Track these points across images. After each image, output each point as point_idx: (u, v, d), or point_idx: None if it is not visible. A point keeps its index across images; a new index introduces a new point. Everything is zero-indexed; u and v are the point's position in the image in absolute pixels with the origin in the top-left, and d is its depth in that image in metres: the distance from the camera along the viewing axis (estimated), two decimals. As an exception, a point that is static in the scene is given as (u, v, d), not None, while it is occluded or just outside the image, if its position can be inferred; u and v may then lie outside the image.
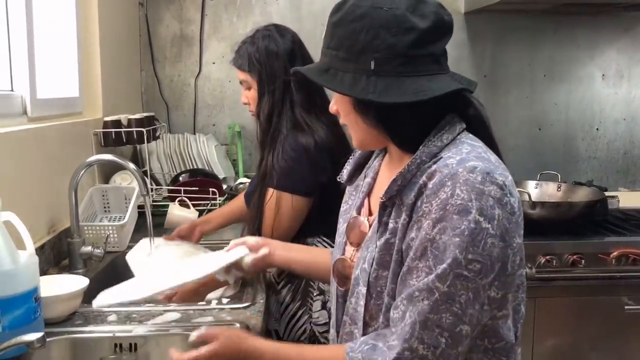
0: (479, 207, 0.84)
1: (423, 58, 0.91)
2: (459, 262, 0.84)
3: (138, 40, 2.75)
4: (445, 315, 0.85)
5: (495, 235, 0.85)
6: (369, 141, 1.02)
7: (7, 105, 1.61)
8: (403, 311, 0.88)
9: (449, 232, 0.85)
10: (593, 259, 2.18)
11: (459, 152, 0.91)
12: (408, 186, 0.92)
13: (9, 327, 1.08)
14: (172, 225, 2.07)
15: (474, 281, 0.85)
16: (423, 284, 0.86)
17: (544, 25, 2.86)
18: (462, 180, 0.86)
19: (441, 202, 0.86)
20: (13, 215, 1.19)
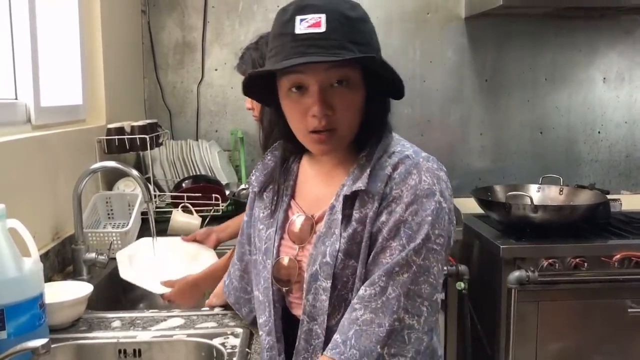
0: (440, 189, 0.97)
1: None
2: (429, 237, 0.94)
3: (141, 47, 2.77)
4: (424, 286, 0.94)
5: (448, 212, 0.97)
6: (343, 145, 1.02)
7: (11, 113, 1.62)
8: (382, 287, 0.94)
9: (420, 213, 0.95)
10: (596, 262, 2.18)
11: (404, 146, 1.04)
12: (371, 179, 0.99)
13: (14, 333, 1.09)
14: (175, 231, 2.08)
15: (440, 253, 0.96)
16: (401, 259, 0.94)
17: (545, 30, 2.87)
18: (425, 168, 0.98)
19: (411, 188, 0.96)
20: (18, 223, 1.20)
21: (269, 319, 1.08)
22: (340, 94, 0.96)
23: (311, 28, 0.93)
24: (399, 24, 2.82)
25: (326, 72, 0.95)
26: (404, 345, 0.92)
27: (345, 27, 0.93)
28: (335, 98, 0.96)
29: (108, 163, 1.73)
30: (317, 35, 0.93)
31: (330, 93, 0.96)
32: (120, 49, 2.44)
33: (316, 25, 0.93)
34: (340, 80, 0.95)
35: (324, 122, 0.96)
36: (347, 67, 0.95)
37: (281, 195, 1.11)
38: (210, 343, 1.25)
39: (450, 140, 2.91)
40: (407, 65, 2.84)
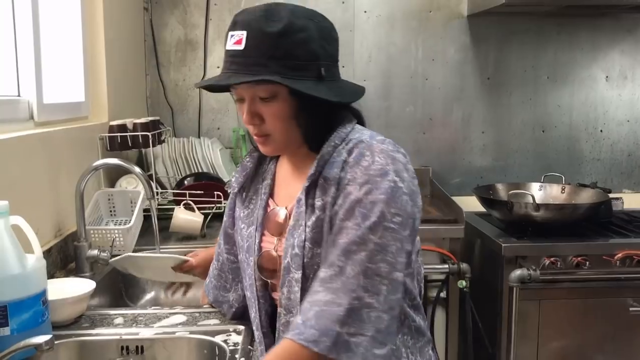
0: (395, 169, 0.98)
1: (338, 64, 1.09)
2: (385, 215, 0.95)
3: (143, 44, 2.77)
4: (382, 264, 0.94)
5: (407, 193, 0.98)
6: (288, 146, 1.08)
7: (14, 110, 1.63)
8: (341, 266, 0.95)
9: (374, 192, 0.96)
10: (597, 261, 2.18)
11: (363, 134, 1.05)
12: (327, 166, 1.03)
13: (17, 329, 1.10)
14: (178, 228, 2.08)
15: (399, 232, 0.96)
16: (357, 237, 0.95)
17: (547, 28, 2.87)
18: (378, 150, 0.99)
19: (364, 169, 0.98)
20: (21, 219, 1.21)
21: (256, 315, 1.15)
22: (267, 106, 1.02)
23: (235, 45, 1.00)
24: (401, 22, 2.82)
25: (251, 89, 1.01)
26: (363, 324, 0.93)
27: (263, 44, 0.98)
28: (263, 109, 1.03)
29: (110, 160, 1.73)
30: (238, 52, 0.99)
31: (259, 105, 1.03)
32: (123, 46, 2.44)
33: (238, 43, 0.99)
34: (266, 97, 1.01)
35: (256, 130, 1.06)
36: (269, 84, 0.99)
37: (260, 195, 1.16)
38: (212, 340, 1.25)
39: (452, 138, 2.91)
40: (410, 63, 2.84)
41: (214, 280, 1.34)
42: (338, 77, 1.08)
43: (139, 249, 1.92)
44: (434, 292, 2.34)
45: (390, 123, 2.85)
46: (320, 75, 1.01)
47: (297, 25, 0.99)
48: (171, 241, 2.07)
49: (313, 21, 1.02)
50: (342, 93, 1.05)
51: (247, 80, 0.99)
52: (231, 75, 1.01)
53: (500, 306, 2.22)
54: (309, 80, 1.00)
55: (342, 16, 2.82)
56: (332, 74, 1.05)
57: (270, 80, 0.98)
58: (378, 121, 2.85)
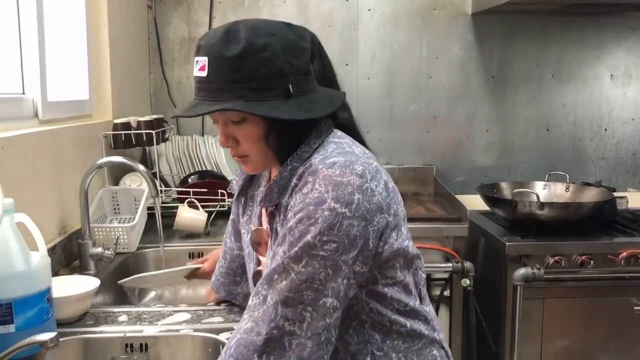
0: (335, 196, 0.93)
1: (311, 75, 1.04)
2: (312, 245, 0.92)
3: (147, 42, 2.77)
4: (307, 292, 0.92)
5: (354, 216, 0.93)
6: (266, 164, 1.08)
7: (18, 108, 1.63)
8: (264, 295, 0.94)
9: (304, 221, 0.93)
10: (602, 260, 2.18)
11: (326, 152, 1.01)
12: (284, 191, 1.01)
13: (22, 327, 1.10)
14: (181, 226, 2.09)
15: (332, 259, 0.92)
16: (278, 266, 0.93)
17: (552, 26, 2.86)
18: (321, 176, 0.95)
19: (303, 197, 0.95)
20: (26, 217, 1.21)
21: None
22: (239, 128, 1.02)
23: (200, 72, 0.99)
24: (405, 20, 2.82)
25: (222, 114, 1.01)
26: (284, 352, 0.91)
27: (224, 69, 0.96)
28: (237, 132, 1.02)
29: (115, 158, 1.74)
30: (203, 79, 0.99)
31: (233, 128, 1.02)
32: (127, 44, 2.44)
33: (202, 70, 0.99)
34: (237, 120, 1.00)
35: (233, 152, 1.06)
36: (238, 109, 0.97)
37: (255, 202, 1.16)
38: (216, 338, 1.25)
39: (456, 136, 2.91)
40: (414, 62, 2.83)
41: (222, 277, 1.35)
42: (311, 88, 1.03)
43: (142, 246, 1.92)
44: (437, 290, 2.34)
45: (394, 121, 2.85)
46: (288, 92, 0.98)
47: (257, 45, 0.96)
48: (175, 239, 2.08)
49: (277, 36, 0.98)
50: (313, 108, 1.01)
51: (208, 111, 0.98)
52: (196, 105, 1.01)
53: (504, 305, 2.22)
54: (274, 99, 0.98)
55: (346, 14, 2.82)
56: (303, 88, 1.01)
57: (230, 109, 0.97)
58: (382, 119, 2.85)
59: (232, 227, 1.30)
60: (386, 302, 1.02)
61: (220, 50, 0.96)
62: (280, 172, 1.02)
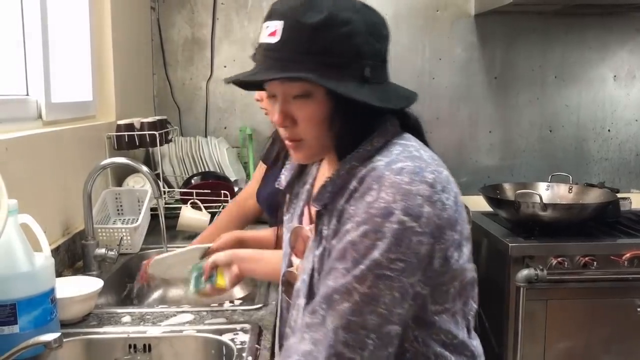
0: (404, 207, 0.83)
1: (387, 64, 0.95)
2: (379, 262, 0.82)
3: (150, 44, 2.78)
4: (370, 316, 0.83)
5: (424, 232, 0.84)
6: (322, 152, 0.98)
7: (22, 109, 1.64)
8: (323, 315, 0.85)
9: (370, 235, 0.83)
10: (605, 261, 2.17)
11: (389, 154, 0.90)
12: (339, 192, 0.91)
13: (26, 327, 1.10)
14: (185, 227, 2.09)
15: (399, 280, 0.83)
16: (341, 286, 0.84)
17: (555, 27, 2.85)
18: (387, 183, 0.85)
19: (366, 205, 0.85)
20: (30, 218, 1.22)
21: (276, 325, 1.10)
22: (299, 106, 0.91)
23: (269, 37, 0.89)
24: (408, 21, 2.82)
25: (283, 86, 0.90)
26: None
27: (300, 37, 0.86)
28: (296, 110, 0.91)
29: (118, 159, 1.74)
30: (272, 45, 0.88)
31: (292, 105, 0.91)
32: (130, 46, 2.44)
33: (272, 35, 0.88)
34: (298, 95, 0.90)
35: (287, 133, 0.94)
36: (303, 81, 0.87)
37: (299, 199, 1.07)
38: (219, 339, 1.25)
39: (459, 137, 2.90)
40: (416, 62, 2.83)
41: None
42: (385, 79, 0.95)
43: (146, 247, 1.93)
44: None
45: (396, 122, 2.85)
46: (364, 75, 0.89)
47: (340, 18, 0.86)
48: (178, 240, 2.08)
49: (360, 14, 0.89)
50: (389, 97, 0.92)
51: (275, 77, 0.89)
52: (259, 72, 0.91)
53: (507, 306, 2.21)
54: (349, 81, 0.88)
55: (349, 15, 2.82)
56: (378, 75, 0.92)
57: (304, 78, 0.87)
58: (385, 120, 2.84)
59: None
60: (433, 331, 0.91)
61: (300, 16, 0.86)
62: (338, 169, 0.91)
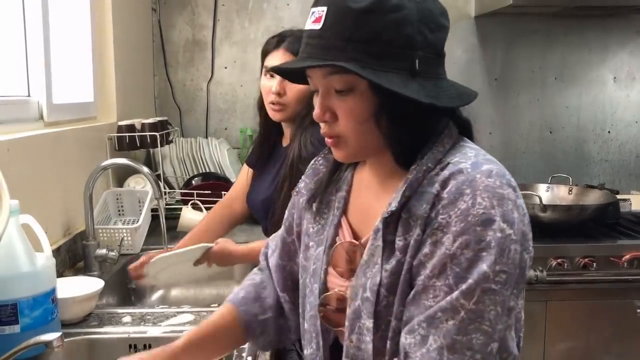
0: (502, 213, 0.77)
1: (444, 59, 0.88)
2: (487, 276, 0.75)
3: (151, 45, 2.79)
4: (476, 335, 0.76)
5: (517, 240, 0.78)
6: (365, 152, 0.89)
7: (24, 110, 1.64)
8: (423, 335, 0.77)
9: (472, 245, 0.76)
10: (605, 262, 2.17)
11: (466, 156, 0.83)
12: (415, 197, 0.82)
13: (27, 327, 1.11)
14: (185, 228, 2.09)
15: (501, 293, 0.77)
16: (446, 303, 0.76)
17: (555, 29, 2.86)
18: (482, 187, 0.78)
19: (461, 213, 0.77)
20: (31, 218, 1.22)
21: (317, 352, 0.94)
22: (341, 101, 0.84)
23: (314, 24, 0.82)
24: (408, 23, 2.82)
25: (325, 79, 0.84)
26: None
27: (344, 23, 0.79)
28: (337, 105, 0.84)
29: (119, 160, 1.75)
30: (315, 32, 0.82)
31: (333, 99, 0.84)
32: (131, 47, 2.45)
33: (317, 21, 0.82)
34: (341, 89, 0.83)
35: (326, 129, 0.87)
36: (347, 73, 0.80)
37: (332, 209, 0.96)
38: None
39: (459, 139, 2.90)
40: (417, 64, 2.83)
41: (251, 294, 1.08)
42: (440, 74, 0.86)
43: (146, 248, 1.93)
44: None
45: (397, 124, 2.85)
46: (413, 68, 0.80)
47: (390, 3, 0.79)
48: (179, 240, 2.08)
49: (414, 1, 0.81)
50: (439, 94, 0.83)
51: (309, 65, 0.82)
52: (297, 61, 0.85)
53: (507, 307, 2.21)
54: (396, 73, 0.80)
55: (350, 17, 2.82)
56: (431, 69, 0.83)
57: (343, 68, 0.78)
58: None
59: (280, 242, 1.07)
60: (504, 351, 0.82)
61: (345, 0, 0.80)
62: (415, 170, 0.83)
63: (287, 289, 1.06)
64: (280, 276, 1.06)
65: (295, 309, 1.03)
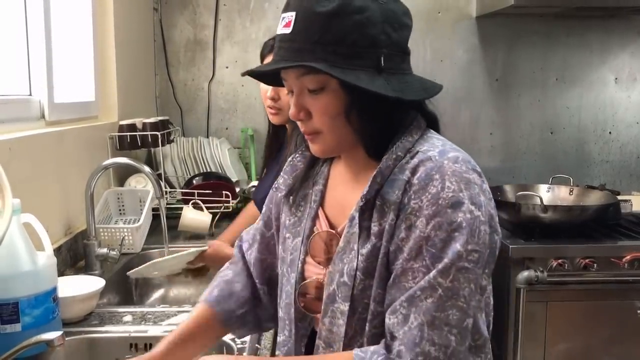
0: (469, 196, 0.83)
1: (408, 56, 0.93)
2: (460, 254, 0.81)
3: (152, 45, 2.79)
4: (452, 311, 0.81)
5: (485, 222, 0.84)
6: (340, 147, 0.94)
7: (25, 109, 1.64)
8: (405, 314, 0.82)
9: (445, 227, 0.82)
10: (605, 263, 2.17)
11: (433, 145, 0.90)
12: (387, 184, 0.88)
13: (28, 326, 1.11)
14: (186, 227, 2.10)
15: (474, 272, 0.82)
16: (424, 282, 0.81)
17: (556, 29, 2.86)
18: (449, 172, 0.84)
19: (432, 197, 0.83)
20: (32, 217, 1.22)
21: (289, 339, 0.99)
22: (314, 99, 0.88)
23: (284, 28, 0.87)
24: (409, 23, 2.82)
25: (298, 79, 0.88)
26: None
27: (311, 26, 0.84)
28: (311, 103, 0.89)
29: (120, 159, 1.75)
30: (286, 36, 0.87)
31: (307, 98, 0.89)
32: (133, 47, 2.45)
33: (287, 26, 0.87)
34: (314, 89, 0.88)
35: (303, 127, 0.92)
36: (318, 74, 0.85)
37: (309, 201, 1.01)
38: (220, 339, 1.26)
39: (460, 139, 2.90)
40: (418, 64, 2.79)
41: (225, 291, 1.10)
42: (405, 70, 0.91)
43: (147, 247, 1.94)
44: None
45: (398, 124, 2.85)
46: (379, 65, 0.86)
47: (354, 5, 0.84)
48: (179, 240, 2.09)
49: (377, 2, 0.86)
50: (404, 89, 0.88)
51: (279, 66, 0.87)
52: (271, 63, 0.89)
53: (507, 308, 2.22)
54: (363, 70, 0.85)
55: (351, 17, 2.83)
56: (396, 65, 0.88)
57: (313, 68, 0.84)
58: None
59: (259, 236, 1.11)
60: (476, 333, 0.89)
61: (312, 5, 0.85)
62: (385, 159, 0.89)
63: (266, 282, 1.10)
64: (260, 269, 1.10)
65: (275, 299, 1.07)
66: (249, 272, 1.11)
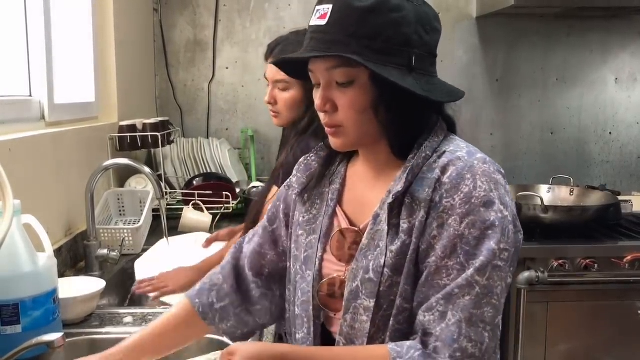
0: (499, 196, 0.85)
1: (436, 59, 0.95)
2: (495, 253, 0.83)
3: (152, 45, 2.79)
4: (487, 308, 0.83)
5: (511, 222, 0.86)
6: (363, 141, 0.94)
7: (25, 110, 1.64)
8: (442, 312, 0.83)
9: (478, 225, 0.83)
10: (606, 264, 2.17)
11: (459, 146, 0.91)
12: (416, 182, 0.89)
13: (28, 327, 1.11)
14: (186, 228, 2.09)
15: (505, 270, 0.85)
16: (462, 280, 0.83)
17: (557, 30, 2.86)
18: (480, 172, 0.86)
19: (465, 196, 0.84)
20: (32, 218, 1.22)
21: (308, 337, 0.98)
22: (342, 93, 0.89)
23: (319, 20, 0.88)
24: (410, 24, 2.82)
25: (328, 72, 0.89)
26: None
27: (348, 20, 0.86)
28: (338, 96, 0.90)
29: (120, 160, 1.75)
30: (320, 28, 0.88)
31: (334, 91, 0.90)
32: (133, 47, 2.45)
33: (322, 17, 0.88)
34: (343, 82, 0.89)
35: (327, 119, 0.93)
36: (349, 67, 0.87)
37: (326, 200, 1.01)
38: (221, 339, 1.25)
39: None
40: (418, 65, 2.83)
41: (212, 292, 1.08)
42: (432, 72, 0.94)
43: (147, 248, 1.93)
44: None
45: (398, 124, 2.85)
46: (410, 64, 0.88)
47: (391, 4, 0.86)
48: (180, 241, 2.08)
49: (412, 3, 0.89)
50: (432, 90, 0.90)
51: (315, 55, 0.88)
52: (304, 52, 0.90)
53: (508, 308, 2.21)
54: (394, 67, 0.86)
55: (351, 17, 2.83)
56: (425, 66, 0.91)
57: (347, 59, 0.85)
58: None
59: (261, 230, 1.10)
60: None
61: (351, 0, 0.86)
62: (415, 157, 0.90)
63: (261, 275, 1.09)
64: (257, 261, 1.09)
65: (268, 294, 1.08)
66: (236, 266, 1.10)
